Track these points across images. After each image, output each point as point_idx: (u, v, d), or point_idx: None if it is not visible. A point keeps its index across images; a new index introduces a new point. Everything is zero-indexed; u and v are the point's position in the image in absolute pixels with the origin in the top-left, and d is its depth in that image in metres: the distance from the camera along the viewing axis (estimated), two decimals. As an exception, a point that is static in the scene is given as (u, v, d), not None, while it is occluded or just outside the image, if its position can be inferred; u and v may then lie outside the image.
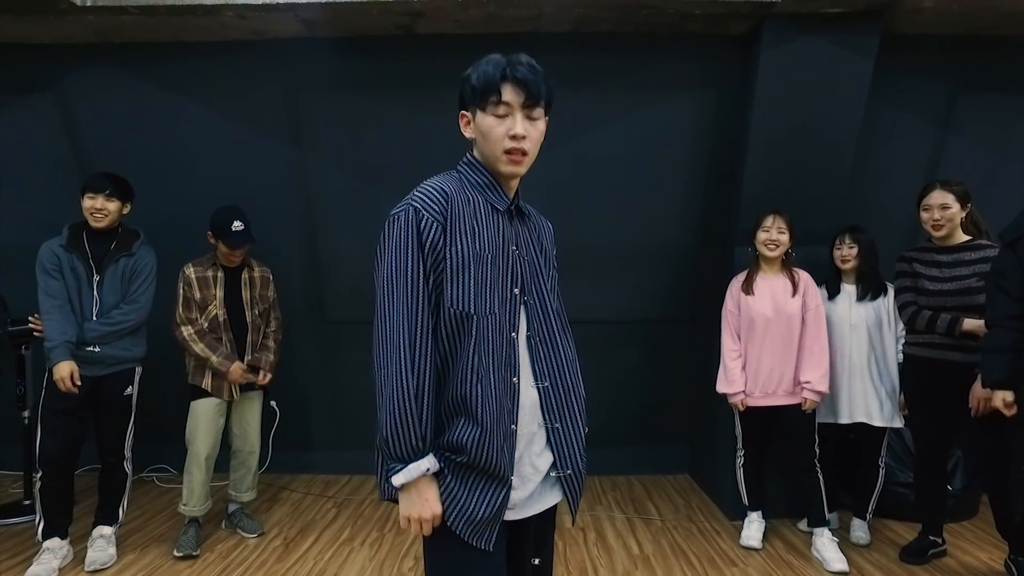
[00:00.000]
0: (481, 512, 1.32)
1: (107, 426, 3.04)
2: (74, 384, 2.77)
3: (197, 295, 3.15)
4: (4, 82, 3.53)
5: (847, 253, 3.19)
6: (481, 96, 1.37)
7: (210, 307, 3.17)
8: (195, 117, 3.55)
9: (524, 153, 1.39)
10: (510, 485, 1.36)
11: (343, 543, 3.26)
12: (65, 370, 2.75)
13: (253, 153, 3.63)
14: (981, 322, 2.70)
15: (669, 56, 3.38)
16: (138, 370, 3.09)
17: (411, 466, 1.29)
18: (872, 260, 3.20)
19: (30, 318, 3.06)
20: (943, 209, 2.89)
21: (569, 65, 3.39)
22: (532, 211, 1.60)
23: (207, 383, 3.16)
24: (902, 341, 3.10)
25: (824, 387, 2.98)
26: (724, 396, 3.17)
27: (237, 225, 3.11)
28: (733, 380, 3.09)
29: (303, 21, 3.15)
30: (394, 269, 1.33)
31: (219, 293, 3.18)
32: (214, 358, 3.10)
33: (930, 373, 2.91)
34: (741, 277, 3.21)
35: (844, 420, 3.13)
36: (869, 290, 3.19)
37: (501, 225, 1.42)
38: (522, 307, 1.43)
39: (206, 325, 3.17)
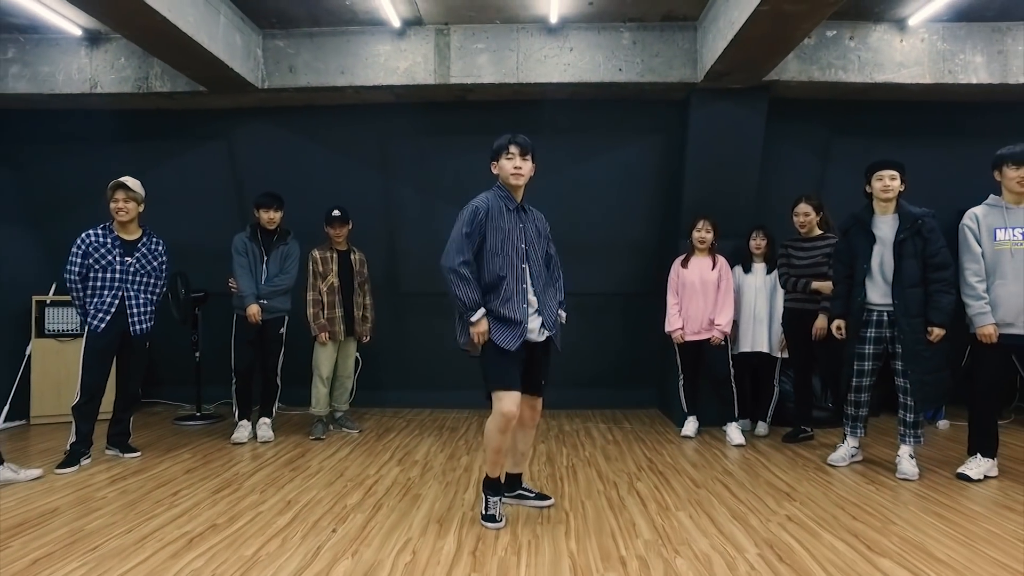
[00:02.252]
0: (507, 336, 2.94)
1: (268, 353, 4.75)
2: (258, 319, 4.50)
3: (320, 269, 4.81)
4: (191, 134, 5.33)
5: (760, 243, 4.85)
6: (498, 151, 3.01)
7: (329, 277, 4.82)
8: (317, 154, 5.32)
9: (522, 175, 3.01)
10: (523, 326, 2.97)
11: (415, 436, 4.91)
12: (255, 308, 4.49)
13: (354, 178, 5.39)
14: (824, 283, 4.32)
15: (633, 113, 5.09)
16: (286, 318, 4.80)
17: (476, 313, 2.93)
18: (773, 247, 4.85)
19: (229, 280, 4.73)
20: (805, 215, 4.54)
21: (567, 119, 5.14)
22: (533, 211, 3.19)
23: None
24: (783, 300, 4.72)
25: (727, 328, 4.61)
26: (670, 334, 4.81)
27: (335, 212, 4.78)
28: (673, 322, 4.77)
29: (395, 94, 4.91)
30: (459, 226, 2.99)
31: (334, 267, 4.84)
32: (310, 315, 4.74)
33: (797, 318, 4.52)
34: (681, 257, 4.86)
35: (747, 349, 4.77)
36: (770, 267, 4.83)
37: (514, 216, 3.05)
38: (525, 255, 3.05)
39: (324, 289, 4.81)
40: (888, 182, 3.73)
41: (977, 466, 3.61)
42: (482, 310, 2.94)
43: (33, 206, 5.49)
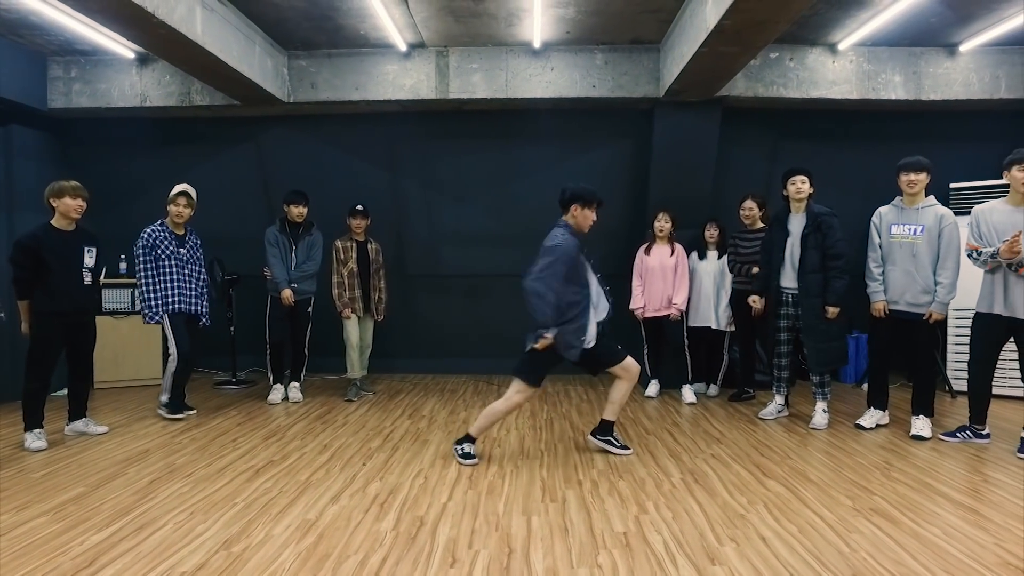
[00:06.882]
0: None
1: (297, 328, 5.62)
2: (291, 301, 5.36)
3: (342, 256, 5.65)
4: (223, 138, 6.13)
5: (713, 233, 5.70)
6: (589, 201, 3.93)
7: (349, 263, 5.67)
8: (333, 156, 6.13)
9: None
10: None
11: (421, 396, 5.83)
12: (287, 293, 5.35)
13: (366, 176, 6.21)
14: (760, 269, 5.20)
15: (605, 122, 5.90)
16: (313, 298, 5.65)
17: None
18: (724, 237, 5.70)
19: (264, 269, 5.57)
20: (750, 210, 5.39)
21: (548, 127, 5.94)
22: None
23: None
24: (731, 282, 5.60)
25: (682, 306, 5.49)
26: (633, 311, 5.69)
27: (359, 207, 5.60)
28: (635, 301, 5.64)
29: (402, 105, 5.71)
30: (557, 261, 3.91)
31: (353, 255, 5.68)
32: (335, 295, 5.59)
33: (741, 298, 5.39)
34: (645, 245, 5.71)
35: (698, 324, 5.66)
36: (721, 254, 5.69)
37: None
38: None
39: (345, 273, 5.65)
40: (800, 185, 4.56)
41: (870, 417, 4.52)
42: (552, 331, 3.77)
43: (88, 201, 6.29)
